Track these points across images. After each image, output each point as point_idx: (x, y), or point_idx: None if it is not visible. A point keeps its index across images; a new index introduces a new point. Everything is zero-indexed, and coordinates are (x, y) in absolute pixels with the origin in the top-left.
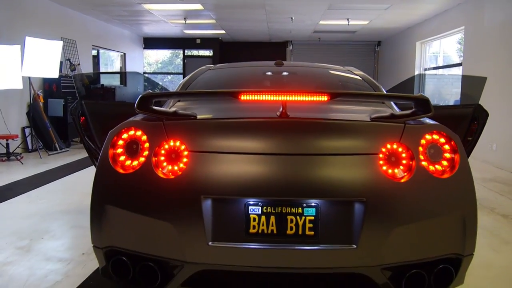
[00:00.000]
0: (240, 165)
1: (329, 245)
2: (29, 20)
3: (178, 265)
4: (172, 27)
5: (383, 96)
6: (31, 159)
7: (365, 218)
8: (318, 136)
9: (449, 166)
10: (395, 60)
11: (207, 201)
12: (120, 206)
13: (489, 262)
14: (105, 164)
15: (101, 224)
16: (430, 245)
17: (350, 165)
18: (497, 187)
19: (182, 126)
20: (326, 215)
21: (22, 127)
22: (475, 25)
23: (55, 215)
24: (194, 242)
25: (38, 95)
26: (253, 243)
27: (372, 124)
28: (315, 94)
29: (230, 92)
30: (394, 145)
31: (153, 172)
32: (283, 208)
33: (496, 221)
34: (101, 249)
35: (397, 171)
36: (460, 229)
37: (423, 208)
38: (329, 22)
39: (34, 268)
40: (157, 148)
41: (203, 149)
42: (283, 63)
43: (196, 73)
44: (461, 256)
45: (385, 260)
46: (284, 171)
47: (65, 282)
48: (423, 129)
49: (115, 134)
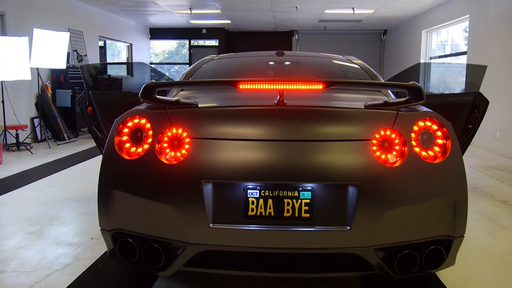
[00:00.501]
0: (239, 151)
1: (324, 226)
2: (36, 12)
3: (181, 246)
4: (178, 17)
5: (376, 85)
6: (40, 149)
7: (358, 201)
8: (314, 123)
9: (440, 151)
10: (401, 49)
11: (208, 185)
12: (126, 191)
13: (485, 246)
14: (111, 151)
15: (108, 208)
16: (421, 227)
17: (344, 150)
18: (498, 174)
19: (184, 114)
20: (321, 198)
21: (31, 117)
22: (480, 13)
23: (64, 203)
24: (196, 224)
25: (46, 86)
26: (252, 225)
27: (365, 112)
28: (310, 83)
29: (229, 81)
30: (387, 132)
31: (156, 158)
32: (280, 191)
33: (495, 207)
34: (108, 232)
35: (390, 156)
36: (450, 211)
37: (414, 191)
38: (334, 11)
39: (45, 252)
40: (160, 135)
41: (204, 136)
42: (284, 53)
43: (198, 63)
44: (452, 238)
45: (377, 241)
46: (281, 156)
47: (75, 264)
48: (415, 116)
49: (121, 122)
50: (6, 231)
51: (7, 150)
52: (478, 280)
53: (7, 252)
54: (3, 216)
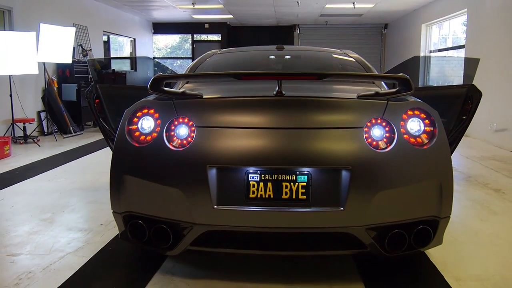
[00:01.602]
0: (241, 138)
1: (319, 207)
2: (43, 7)
3: (187, 227)
4: (181, 12)
5: (368, 76)
6: (47, 141)
7: (351, 183)
8: (310, 112)
9: (428, 138)
10: (401, 42)
11: (212, 170)
12: (136, 176)
13: (475, 230)
14: (122, 139)
15: (119, 192)
16: (409, 208)
17: (338, 137)
18: (493, 164)
19: (189, 104)
20: (316, 182)
21: (37, 111)
22: (477, 7)
23: (73, 192)
24: (201, 206)
25: (53, 80)
26: (253, 207)
27: (358, 101)
28: (305, 75)
29: (231, 74)
30: (378, 120)
31: (164, 145)
32: (279, 175)
33: (488, 195)
34: (120, 214)
35: (380, 142)
36: (437, 194)
37: (403, 175)
38: (335, 6)
39: (57, 236)
40: (168, 124)
41: (209, 124)
42: (283, 47)
43: (202, 57)
44: (438, 218)
45: (369, 221)
46: (279, 143)
47: (86, 248)
48: (404, 105)
49: (131, 113)
50: (19, 218)
51: (14, 143)
52: (467, 260)
53: (21, 237)
54: (16, 205)
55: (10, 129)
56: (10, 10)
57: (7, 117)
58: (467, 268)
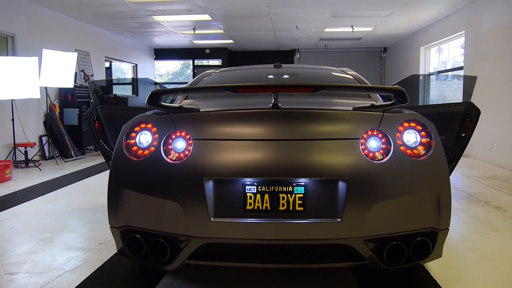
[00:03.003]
0: (238, 150)
1: (316, 219)
2: (45, 33)
3: (184, 240)
4: (182, 37)
5: (363, 88)
6: (48, 165)
7: (348, 194)
8: (306, 124)
9: (424, 149)
10: (401, 65)
11: (209, 182)
12: (134, 189)
13: (477, 246)
14: (120, 153)
15: (117, 206)
16: (407, 220)
17: (334, 148)
18: (495, 183)
19: (187, 118)
20: (313, 193)
21: (39, 135)
22: (475, 29)
23: (73, 213)
24: (198, 218)
25: (54, 104)
26: (250, 219)
27: (354, 113)
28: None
29: (228, 87)
30: (374, 131)
31: (162, 158)
32: (275, 187)
33: (489, 212)
34: (118, 229)
35: (377, 153)
36: (435, 205)
37: (400, 186)
38: (334, 30)
39: (56, 255)
40: (166, 137)
41: (205, 137)
42: (281, 65)
43: (200, 76)
44: (437, 230)
45: (367, 232)
46: (276, 154)
47: (84, 266)
48: (400, 117)
49: (129, 127)
50: (18, 238)
51: (16, 167)
52: (468, 275)
53: (20, 256)
54: (15, 226)
55: (11, 153)
56: (13, 36)
57: (8, 141)
58: (469, 284)
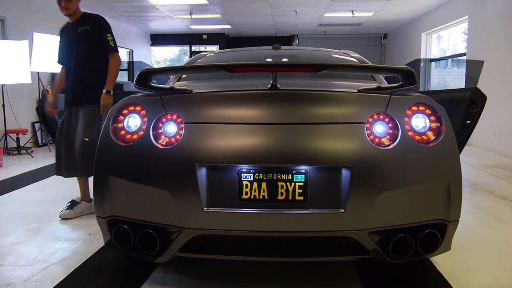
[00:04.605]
0: (233, 134)
1: (318, 209)
2: (37, 17)
3: (175, 231)
4: (178, 22)
5: (369, 68)
6: (41, 153)
7: (352, 183)
8: (307, 106)
9: (434, 135)
10: (401, 52)
11: (202, 169)
12: (121, 177)
13: (484, 237)
14: (107, 138)
15: (103, 195)
16: (415, 211)
17: (338, 133)
18: (498, 172)
19: (178, 100)
20: (314, 181)
21: (32, 122)
22: (479, 14)
23: (63, 201)
24: (190, 208)
25: (47, 90)
26: (246, 209)
27: (359, 95)
28: (302, 67)
29: (221, 65)
30: (381, 115)
31: (151, 143)
32: (274, 174)
33: (494, 202)
34: (104, 219)
35: (383, 139)
36: (445, 195)
37: (408, 174)
38: (334, 15)
39: (42, 247)
40: (155, 121)
41: (198, 120)
42: (280, 47)
43: (195, 58)
44: (447, 222)
45: (372, 224)
46: (274, 139)
47: (72, 258)
48: (408, 100)
49: (116, 110)
50: (4, 228)
51: (8, 154)
52: (476, 268)
53: (5, 248)
54: (2, 215)
55: (2, 140)
56: (3, 20)
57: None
58: (476, 277)
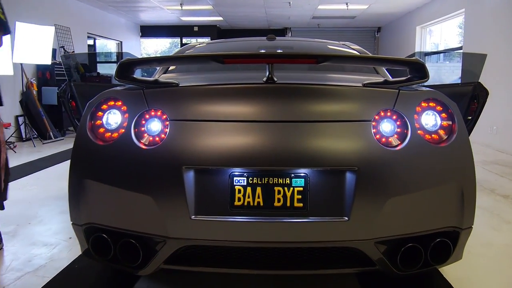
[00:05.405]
0: (224, 133)
1: (319, 217)
2: (20, 6)
3: (160, 241)
4: (169, 13)
5: (375, 60)
6: (24, 147)
7: (357, 188)
8: (307, 102)
9: (446, 134)
10: (395, 45)
11: (189, 172)
12: (99, 180)
13: (489, 241)
14: (84, 136)
15: (79, 200)
16: (426, 218)
17: (341, 132)
18: (497, 169)
19: (163, 94)
20: (315, 186)
21: (15, 115)
22: (475, 8)
23: (44, 201)
24: (176, 216)
25: (31, 83)
26: (238, 216)
27: (364, 90)
28: (302, 57)
29: (211, 56)
30: (388, 112)
31: (133, 142)
32: (270, 178)
33: (497, 202)
34: (81, 227)
35: (391, 139)
36: (458, 200)
37: (418, 178)
38: (328, 7)
39: (18, 253)
40: (137, 117)
41: (185, 117)
42: (275, 38)
43: (183, 49)
44: (459, 229)
45: (379, 233)
46: (270, 139)
47: (49, 265)
48: (418, 96)
49: (94, 105)
50: None
51: None
52: (484, 275)
53: None
54: None
55: None
56: None
57: None
58: (486, 285)
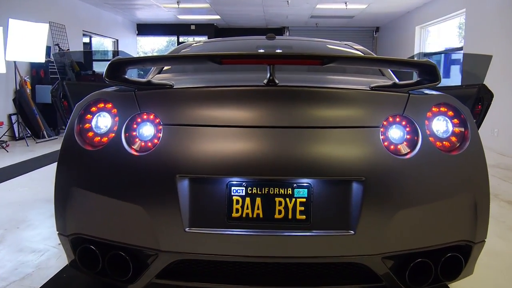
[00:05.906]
0: (221, 140)
1: (323, 231)
2: (13, 2)
3: (151, 255)
4: (166, 11)
5: (383, 61)
6: (17, 147)
7: (364, 200)
8: (311, 106)
9: (458, 141)
10: (394, 46)
11: (184, 181)
12: (87, 188)
13: (496, 251)
14: (71, 141)
15: (65, 209)
16: (437, 231)
17: (347, 139)
18: (500, 173)
19: (156, 96)
20: (319, 197)
21: (8, 114)
22: (477, 7)
23: (35, 204)
24: (169, 228)
25: (25, 81)
26: (236, 229)
27: (372, 94)
28: (306, 58)
29: (208, 55)
30: (397, 118)
31: (123, 148)
32: (270, 189)
33: (501, 208)
34: (67, 237)
35: (400, 146)
36: (471, 212)
37: (429, 188)
38: (326, 6)
39: (3, 260)
40: (128, 121)
41: (179, 122)
42: (275, 37)
43: (178, 48)
44: (472, 243)
45: (386, 248)
46: (271, 146)
47: (36, 274)
48: (429, 100)
49: (83, 107)
50: None
51: None
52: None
53: None
54: None
55: None
56: None
57: None
58: None
